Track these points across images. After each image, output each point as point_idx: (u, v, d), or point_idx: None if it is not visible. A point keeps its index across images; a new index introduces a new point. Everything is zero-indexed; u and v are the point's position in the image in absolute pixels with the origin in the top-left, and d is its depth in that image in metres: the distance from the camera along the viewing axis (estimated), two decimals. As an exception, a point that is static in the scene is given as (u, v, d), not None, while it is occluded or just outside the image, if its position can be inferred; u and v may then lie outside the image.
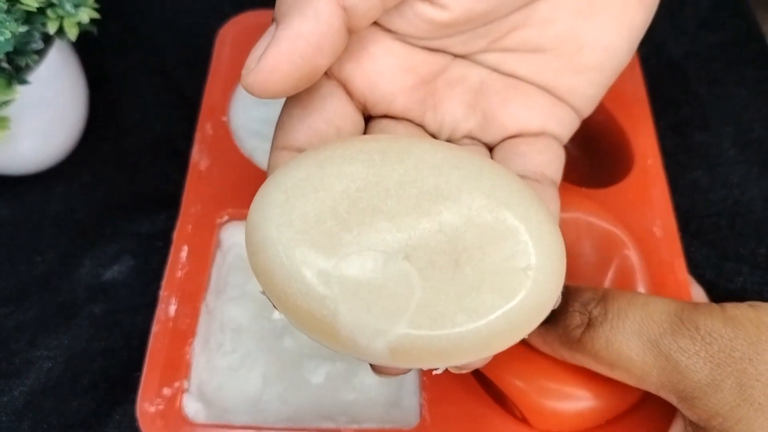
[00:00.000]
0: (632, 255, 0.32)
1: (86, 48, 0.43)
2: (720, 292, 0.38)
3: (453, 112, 0.29)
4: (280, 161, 0.26)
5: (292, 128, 0.26)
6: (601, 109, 0.35)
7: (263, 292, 0.24)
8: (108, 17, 0.45)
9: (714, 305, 0.27)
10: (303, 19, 0.24)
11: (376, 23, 0.27)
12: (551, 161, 0.29)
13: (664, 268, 0.34)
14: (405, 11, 0.26)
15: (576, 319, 0.28)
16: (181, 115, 0.43)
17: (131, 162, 0.42)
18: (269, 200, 0.23)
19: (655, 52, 0.46)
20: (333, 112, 0.27)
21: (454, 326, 0.22)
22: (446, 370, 0.24)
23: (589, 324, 0.28)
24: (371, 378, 0.33)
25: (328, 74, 0.27)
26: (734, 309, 0.26)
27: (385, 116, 0.28)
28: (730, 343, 0.26)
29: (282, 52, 0.24)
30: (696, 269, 0.38)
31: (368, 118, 0.28)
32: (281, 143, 0.26)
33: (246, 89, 0.24)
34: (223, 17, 0.43)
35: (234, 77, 0.40)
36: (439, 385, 0.31)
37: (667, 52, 0.46)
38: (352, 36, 0.26)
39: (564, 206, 0.34)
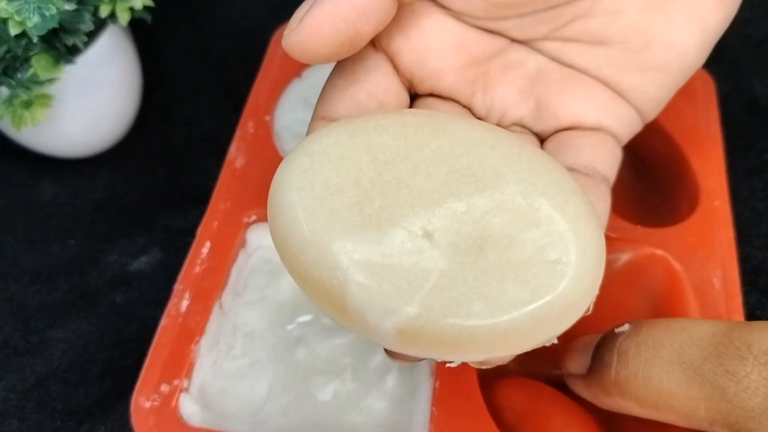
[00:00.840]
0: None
1: (147, 42, 0.43)
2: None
3: (504, 96, 0.27)
4: (316, 131, 0.25)
5: (333, 99, 0.25)
6: (669, 141, 0.33)
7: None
8: (174, 16, 0.46)
9: (765, 323, 0.23)
10: None
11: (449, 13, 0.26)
12: (605, 158, 0.27)
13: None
14: None
15: (606, 357, 0.25)
16: (232, 114, 0.42)
17: (177, 156, 0.42)
18: (294, 164, 0.22)
19: (738, 91, 0.42)
20: (377, 85, 0.26)
21: (468, 316, 0.20)
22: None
23: (620, 360, 0.24)
24: (381, 402, 0.31)
25: (375, 46, 0.26)
26: None
27: (432, 94, 0.27)
28: None
29: (325, 13, 0.23)
30: None
31: (414, 96, 0.27)
32: (321, 113, 0.25)
33: (286, 50, 0.23)
34: (282, 22, 0.43)
35: (284, 78, 0.39)
36: (449, 419, 0.28)
37: (752, 91, 0.42)
38: (405, 8, 0.25)
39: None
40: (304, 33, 0.23)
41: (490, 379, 0.30)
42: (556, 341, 0.21)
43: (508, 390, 0.30)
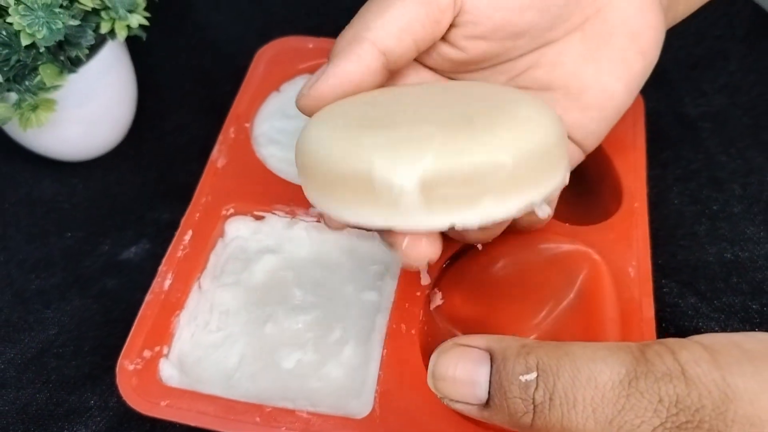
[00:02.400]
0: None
1: (143, 57, 0.48)
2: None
3: None
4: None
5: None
6: (599, 149, 0.37)
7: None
8: (169, 35, 0.50)
9: (670, 361, 0.23)
10: (348, 61, 0.29)
11: (424, 66, 0.33)
12: None
13: (632, 305, 0.34)
14: (431, 52, 0.32)
15: (520, 406, 0.24)
16: (217, 123, 0.47)
17: (166, 160, 0.46)
18: (314, 115, 0.29)
19: (671, 109, 0.47)
20: None
21: (473, 155, 0.24)
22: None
23: (536, 411, 0.24)
24: (338, 370, 0.35)
25: None
26: (695, 366, 0.22)
27: None
28: (697, 415, 0.22)
29: (328, 84, 0.29)
30: (683, 319, 0.38)
31: None
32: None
33: (298, 109, 0.30)
34: (265, 43, 0.48)
35: (263, 91, 0.44)
36: (393, 381, 0.32)
37: (683, 110, 0.47)
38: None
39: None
40: (312, 98, 0.29)
41: (432, 349, 0.35)
42: (550, 212, 0.27)
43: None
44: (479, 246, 0.35)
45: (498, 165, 0.24)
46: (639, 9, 0.32)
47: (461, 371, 0.25)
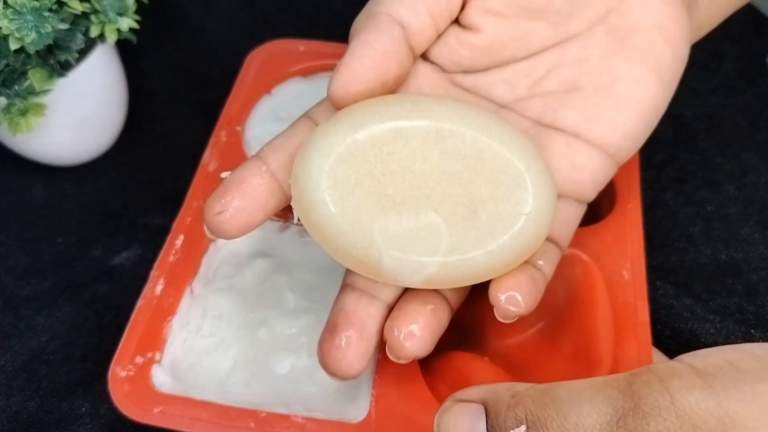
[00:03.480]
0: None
1: (134, 61, 0.47)
2: (701, 345, 0.38)
3: None
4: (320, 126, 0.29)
5: None
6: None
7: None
8: (161, 38, 0.50)
9: (659, 392, 0.22)
10: (369, 34, 0.29)
11: (427, 60, 0.32)
12: (560, 224, 0.32)
13: (627, 309, 0.34)
14: (447, 40, 0.31)
15: None
16: (209, 127, 0.46)
17: (158, 165, 0.46)
18: (315, 166, 0.28)
19: (667, 110, 0.47)
20: None
21: (473, 266, 0.28)
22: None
23: None
24: (333, 375, 0.34)
25: None
26: (686, 395, 0.21)
27: None
28: None
29: (354, 59, 0.28)
30: (679, 321, 0.38)
31: None
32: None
33: (331, 97, 0.29)
34: (259, 45, 0.47)
35: (255, 95, 0.43)
36: (388, 385, 0.32)
37: (679, 111, 0.47)
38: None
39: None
40: (342, 76, 0.28)
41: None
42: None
43: (439, 361, 0.34)
44: None
45: (492, 270, 0.28)
46: (661, 1, 0.31)
47: (461, 429, 0.25)
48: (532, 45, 0.31)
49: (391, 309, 0.30)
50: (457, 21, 0.31)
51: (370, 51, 0.28)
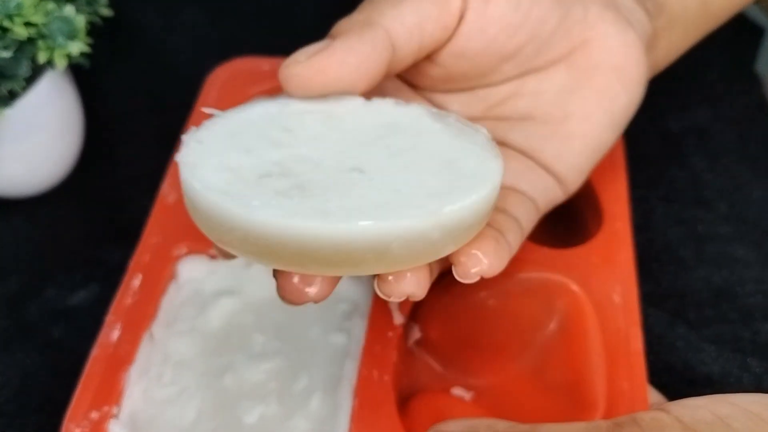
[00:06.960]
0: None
1: (90, 85, 0.45)
2: (695, 376, 0.36)
3: None
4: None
5: None
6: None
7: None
8: (118, 60, 0.47)
9: None
10: (361, 42, 0.26)
11: (401, 79, 0.31)
12: (524, 212, 0.30)
13: (618, 336, 0.32)
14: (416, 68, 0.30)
15: None
16: (170, 153, 0.44)
17: (117, 196, 0.44)
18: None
19: (654, 125, 0.45)
20: None
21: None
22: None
23: None
24: (305, 423, 0.32)
25: None
26: None
27: None
28: None
29: (334, 58, 0.25)
30: (672, 351, 0.36)
31: None
32: None
33: (283, 81, 0.25)
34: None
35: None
36: (365, 435, 0.30)
37: (666, 126, 0.45)
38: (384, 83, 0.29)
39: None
40: (311, 69, 0.25)
41: (407, 395, 0.32)
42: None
43: (420, 404, 0.31)
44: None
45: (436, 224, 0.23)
46: (623, 44, 0.31)
47: None
48: (493, 80, 0.31)
49: None
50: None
51: (352, 61, 0.26)
